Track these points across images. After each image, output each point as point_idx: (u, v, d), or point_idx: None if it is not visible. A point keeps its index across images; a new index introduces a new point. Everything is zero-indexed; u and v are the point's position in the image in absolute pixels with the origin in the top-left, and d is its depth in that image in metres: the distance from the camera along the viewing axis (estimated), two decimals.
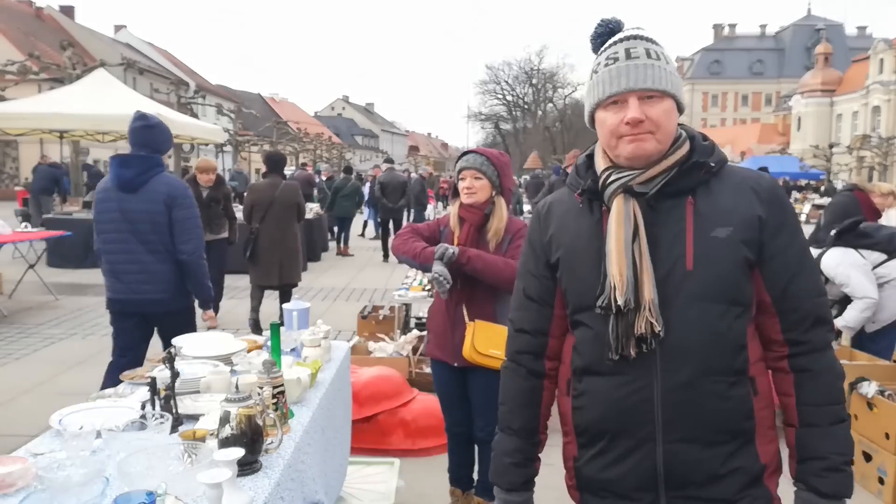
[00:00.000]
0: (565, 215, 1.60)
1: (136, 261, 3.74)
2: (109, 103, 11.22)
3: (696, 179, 1.46)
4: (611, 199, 1.48)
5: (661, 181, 1.45)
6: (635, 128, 1.41)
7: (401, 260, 3.13)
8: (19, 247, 9.88)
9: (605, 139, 1.49)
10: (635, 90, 1.41)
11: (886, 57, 47.71)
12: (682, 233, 1.43)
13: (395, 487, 3.54)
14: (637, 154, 1.43)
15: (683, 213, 1.45)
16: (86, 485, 1.46)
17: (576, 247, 1.54)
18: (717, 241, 1.42)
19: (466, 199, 3.05)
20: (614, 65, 1.44)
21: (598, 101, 1.47)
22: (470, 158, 3.06)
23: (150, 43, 49.60)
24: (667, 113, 1.43)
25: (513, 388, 1.68)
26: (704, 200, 1.45)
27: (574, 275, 1.54)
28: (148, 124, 3.78)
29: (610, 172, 1.49)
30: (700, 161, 1.46)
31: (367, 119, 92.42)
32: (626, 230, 1.44)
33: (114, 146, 14.64)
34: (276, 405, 2.00)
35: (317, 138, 44.28)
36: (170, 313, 3.84)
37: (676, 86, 1.46)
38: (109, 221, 3.76)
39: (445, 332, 3.10)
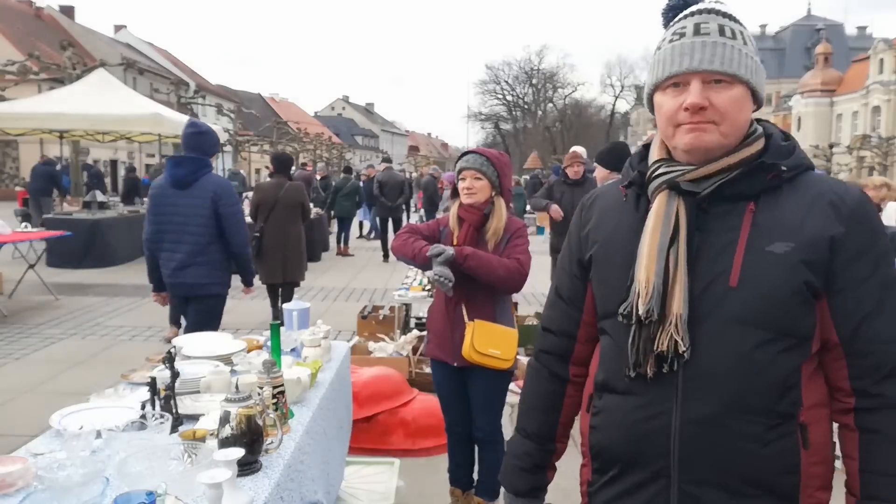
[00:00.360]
0: (608, 209, 1.44)
1: (182, 250, 4.19)
2: (109, 103, 11.24)
3: (761, 183, 1.25)
4: (654, 194, 1.31)
5: (718, 181, 1.25)
6: (695, 115, 1.22)
7: (401, 259, 3.14)
8: (19, 247, 9.88)
9: (662, 127, 1.30)
10: (699, 71, 1.22)
11: (886, 57, 47.70)
12: (732, 243, 1.23)
13: (395, 487, 3.54)
14: (695, 146, 1.24)
15: (739, 222, 1.24)
16: (86, 485, 1.46)
17: (610, 245, 1.38)
18: (772, 257, 1.20)
19: (466, 200, 3.06)
20: (679, 41, 1.26)
21: (657, 81, 1.29)
22: (470, 159, 3.06)
23: (150, 43, 49.60)
24: (736, 102, 1.23)
25: (532, 388, 1.57)
26: (768, 210, 1.24)
27: (603, 276, 1.39)
28: (199, 131, 4.26)
29: (659, 164, 1.32)
30: (769, 163, 1.25)
31: (367, 119, 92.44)
32: (664, 232, 1.26)
33: (114, 146, 14.65)
34: (276, 405, 2.00)
35: (317, 138, 44.28)
36: (203, 298, 4.29)
37: (753, 71, 1.25)
38: (162, 214, 4.22)
39: (445, 332, 3.10)
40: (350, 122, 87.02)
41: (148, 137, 13.12)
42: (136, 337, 6.96)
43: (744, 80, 1.23)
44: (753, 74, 1.24)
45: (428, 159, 63.52)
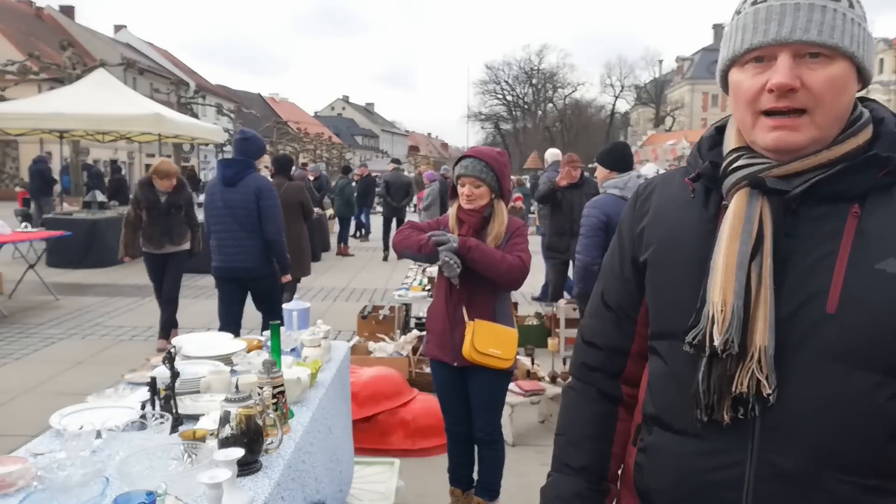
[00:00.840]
0: (669, 203, 1.18)
1: (234, 237, 4.91)
2: (109, 103, 11.23)
3: (869, 181, 1.00)
4: (731, 192, 1.06)
5: (813, 177, 1.01)
6: (782, 99, 0.98)
7: (403, 254, 3.14)
8: (19, 247, 9.88)
9: (739, 113, 1.06)
10: (790, 42, 0.97)
11: (886, 57, 47.70)
12: (830, 256, 0.98)
13: (395, 487, 3.54)
14: (781, 147, 1.01)
15: (840, 228, 0.99)
16: (86, 485, 1.46)
17: (671, 248, 1.13)
18: (884, 276, 0.96)
19: (466, 205, 3.05)
20: (764, 3, 1.01)
21: (734, 55, 1.04)
22: (469, 165, 3.02)
23: (150, 43, 49.61)
24: (836, 82, 0.98)
25: (576, 413, 1.30)
26: (878, 214, 0.99)
27: (660, 287, 1.15)
28: (245, 138, 5.16)
29: (739, 155, 1.07)
30: (880, 155, 0.99)
31: (367, 119, 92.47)
32: (745, 241, 1.02)
33: (114, 146, 14.65)
34: (276, 405, 2.00)
35: (317, 138, 44.29)
36: (256, 278, 4.99)
37: (860, 42, 1.00)
38: (215, 208, 4.98)
39: (445, 333, 3.09)
40: (350, 122, 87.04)
41: (148, 137, 13.11)
42: (136, 337, 6.96)
43: (848, 54, 0.98)
44: (861, 46, 1.00)
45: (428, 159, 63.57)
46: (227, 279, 5.00)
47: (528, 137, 67.24)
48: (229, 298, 5.06)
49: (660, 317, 1.15)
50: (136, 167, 37.65)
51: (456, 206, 3.11)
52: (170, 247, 6.31)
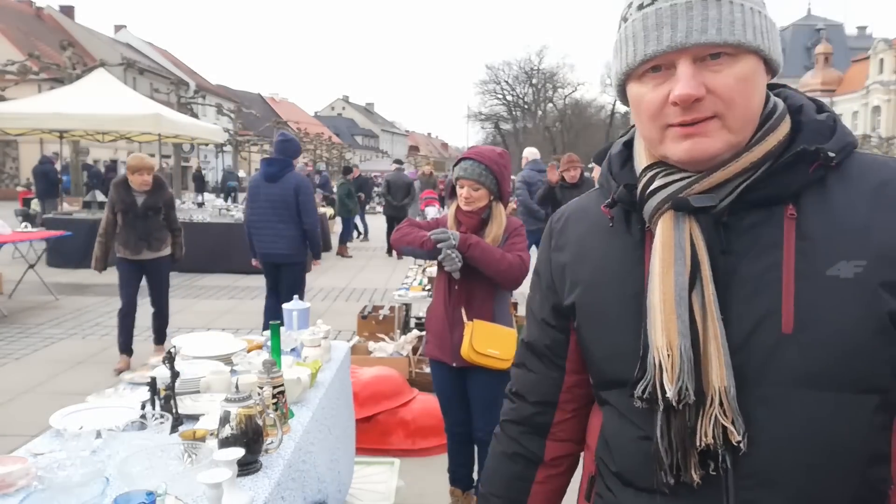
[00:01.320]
0: (588, 234, 1.06)
1: (273, 228, 5.65)
2: (109, 103, 11.23)
3: (800, 178, 0.90)
4: (654, 218, 0.95)
5: (739, 184, 0.91)
6: (689, 112, 0.87)
7: (403, 251, 3.12)
8: (19, 247, 9.89)
9: (644, 129, 0.95)
10: (688, 46, 0.86)
11: (886, 57, 47.70)
12: (774, 268, 0.88)
13: (395, 487, 3.55)
14: (695, 157, 0.90)
15: (778, 235, 0.89)
16: (86, 485, 1.46)
17: (601, 287, 1.01)
18: (839, 284, 0.86)
19: (465, 207, 3.04)
20: (651, 6, 0.90)
21: (629, 68, 0.93)
22: (468, 168, 3.00)
23: (150, 43, 49.62)
24: (745, 81, 0.88)
25: (493, 465, 1.23)
26: (816, 212, 0.89)
27: (596, 333, 1.03)
28: (285, 139, 5.88)
29: (654, 174, 0.96)
30: (808, 149, 0.89)
31: (367, 119, 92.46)
32: (679, 271, 0.90)
33: (114, 146, 14.65)
34: (276, 405, 2.00)
35: (317, 138, 44.27)
36: (290, 264, 5.76)
37: (763, 32, 0.89)
38: (257, 202, 5.74)
39: (444, 333, 3.09)
40: (350, 122, 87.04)
41: (148, 137, 13.11)
42: (136, 337, 6.95)
43: (753, 49, 0.88)
44: (765, 37, 0.89)
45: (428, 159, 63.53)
46: (267, 265, 5.85)
47: (528, 137, 67.18)
48: (272, 282, 5.93)
49: (601, 367, 1.03)
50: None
51: (455, 207, 3.11)
52: (148, 253, 5.71)
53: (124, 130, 12.31)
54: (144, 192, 5.61)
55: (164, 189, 5.83)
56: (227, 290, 9.68)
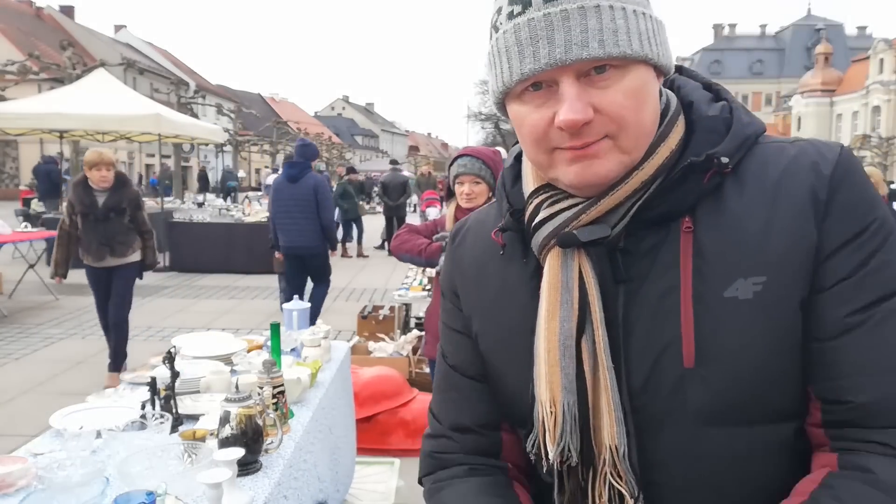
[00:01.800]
0: (484, 256, 0.96)
1: (296, 223, 6.22)
2: (109, 103, 11.23)
3: (694, 190, 0.81)
4: (542, 254, 0.86)
5: (631, 205, 0.82)
6: (577, 137, 0.77)
7: (402, 259, 3.14)
8: (19, 247, 9.89)
9: (529, 152, 0.85)
10: (568, 63, 0.75)
11: (886, 57, 47.70)
12: (672, 292, 0.79)
13: (395, 487, 3.55)
14: (587, 182, 0.80)
15: (674, 254, 0.80)
16: (86, 485, 1.46)
17: (497, 319, 0.92)
18: (737, 306, 0.77)
19: (466, 204, 3.04)
20: (523, 16, 0.77)
21: (506, 87, 0.81)
22: (467, 164, 3.02)
23: (150, 43, 49.65)
24: (635, 95, 0.77)
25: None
26: (711, 225, 0.80)
27: (498, 369, 0.93)
28: (304, 144, 6.54)
29: (540, 201, 0.86)
30: (696, 161, 0.80)
31: (367, 119, 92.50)
32: (565, 316, 0.81)
33: (114, 146, 14.65)
34: (276, 405, 2.00)
35: (317, 138, 44.29)
36: (312, 255, 6.39)
37: (650, 37, 0.79)
38: (281, 200, 6.32)
39: None
40: (350, 122, 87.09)
41: (148, 137, 13.11)
42: (136, 337, 6.95)
43: (641, 58, 0.77)
44: (653, 42, 0.79)
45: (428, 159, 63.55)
46: (290, 256, 6.35)
47: None
48: (292, 271, 6.42)
49: (506, 406, 0.93)
50: (136, 167, 37.67)
51: (454, 207, 3.09)
52: (111, 259, 5.15)
53: (124, 130, 12.31)
54: (105, 190, 5.06)
55: (127, 186, 5.29)
56: (227, 290, 9.69)
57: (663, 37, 0.82)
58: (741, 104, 0.87)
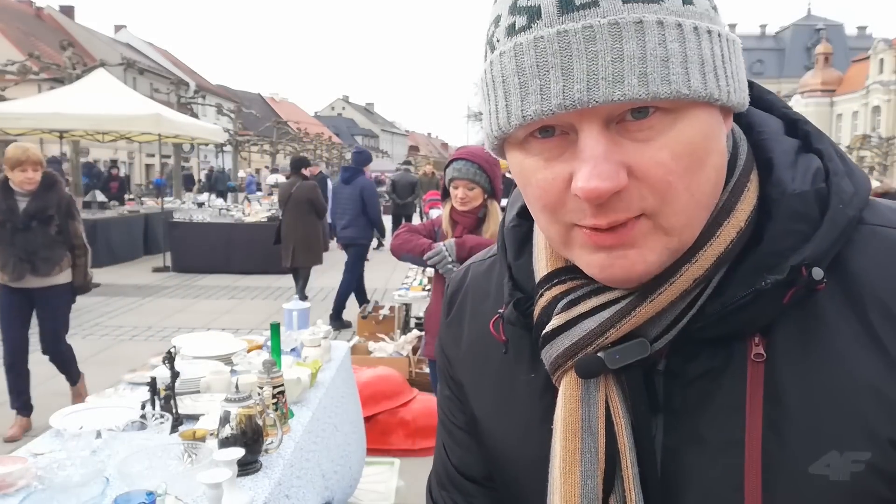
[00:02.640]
0: (483, 344, 0.74)
1: (345, 218, 7.53)
2: (109, 103, 11.23)
3: (769, 311, 0.58)
4: (555, 375, 0.64)
5: (677, 315, 0.60)
6: (602, 212, 0.55)
7: (403, 259, 3.15)
8: None
9: (539, 222, 0.62)
10: (593, 105, 0.52)
11: (886, 57, 47.71)
12: (731, 451, 0.58)
13: (395, 487, 3.55)
14: (615, 280, 0.59)
15: (737, 393, 0.58)
16: (86, 485, 1.46)
17: (502, 434, 0.72)
18: (825, 489, 0.56)
19: (461, 207, 3.05)
20: (528, 32, 0.54)
21: (501, 132, 0.58)
22: (462, 168, 3.02)
23: (150, 43, 49.65)
24: (693, 151, 0.54)
25: None
26: (794, 355, 0.58)
27: (508, 489, 0.74)
28: (357, 151, 8.27)
29: (554, 298, 0.64)
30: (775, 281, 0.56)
31: (367, 119, 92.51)
32: (588, 471, 0.61)
33: (114, 146, 14.65)
34: (276, 405, 2.00)
35: (317, 138, 44.29)
36: (356, 245, 7.66)
37: (720, 65, 0.55)
38: (337, 199, 7.77)
39: None
40: (350, 122, 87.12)
41: (148, 137, 13.12)
42: (136, 337, 6.96)
43: (703, 99, 0.54)
44: (721, 73, 0.55)
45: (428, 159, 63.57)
46: (345, 246, 7.72)
47: None
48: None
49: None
50: (136, 167, 37.69)
51: (449, 208, 3.12)
52: (33, 279, 4.16)
53: (124, 130, 12.31)
54: (29, 193, 4.15)
55: (55, 189, 4.30)
56: (227, 290, 9.69)
57: (736, 64, 0.57)
58: (841, 154, 0.62)
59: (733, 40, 0.58)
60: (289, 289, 9.35)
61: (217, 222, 11.54)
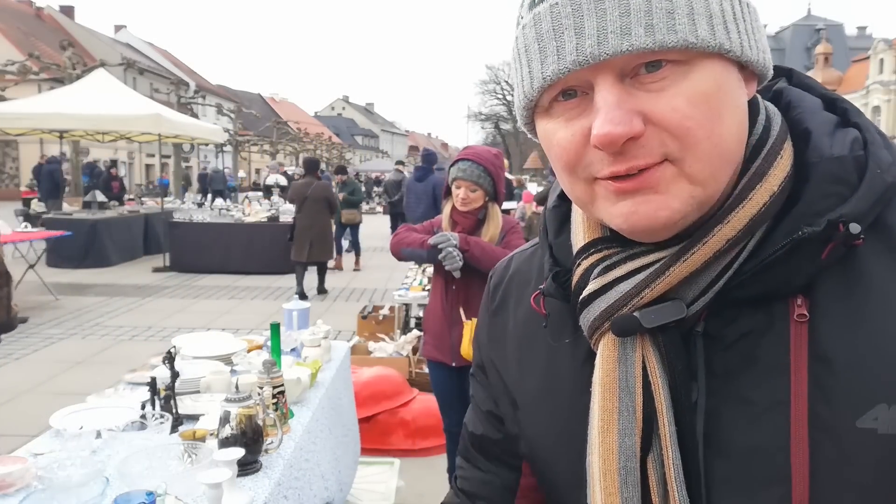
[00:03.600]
0: (531, 323, 0.76)
1: (418, 211, 8.30)
2: (109, 103, 11.24)
3: (807, 268, 0.58)
4: (593, 338, 0.66)
5: (713, 276, 0.60)
6: (622, 159, 0.57)
7: (403, 254, 3.11)
8: (19, 247, 9.88)
9: (564, 185, 0.65)
10: (603, 58, 0.55)
11: (886, 57, 47.71)
12: (776, 411, 0.58)
13: (395, 487, 3.55)
14: (640, 228, 0.60)
15: (781, 354, 0.58)
16: (86, 485, 1.46)
17: (545, 419, 0.74)
18: (875, 442, 0.55)
19: (462, 208, 3.03)
20: (545, 2, 0.59)
21: (528, 100, 0.62)
22: (466, 169, 2.98)
23: (150, 43, 49.67)
24: (708, 99, 0.56)
25: None
26: (840, 312, 0.58)
27: (546, 465, 0.75)
28: (428, 154, 9.31)
29: (590, 265, 0.66)
30: (810, 234, 0.57)
31: (367, 119, 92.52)
32: (625, 429, 0.62)
33: (114, 146, 14.66)
34: (276, 405, 2.00)
35: (317, 138, 44.31)
36: None
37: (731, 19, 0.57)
38: (410, 195, 8.85)
39: (443, 333, 3.10)
40: (350, 122, 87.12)
41: (148, 137, 13.12)
42: (136, 337, 6.96)
43: (713, 50, 0.56)
44: (732, 25, 0.57)
45: None
46: None
47: (527, 137, 67.09)
48: None
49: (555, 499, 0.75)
50: (136, 167, 37.69)
51: (450, 207, 3.10)
52: None
53: (124, 130, 12.32)
54: None
55: None
56: (227, 290, 9.69)
57: (753, 22, 0.60)
58: (877, 130, 0.63)
59: (748, 3, 0.60)
60: (288, 289, 9.36)
61: (217, 222, 11.53)
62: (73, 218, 11.38)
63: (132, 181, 35.57)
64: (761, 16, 0.63)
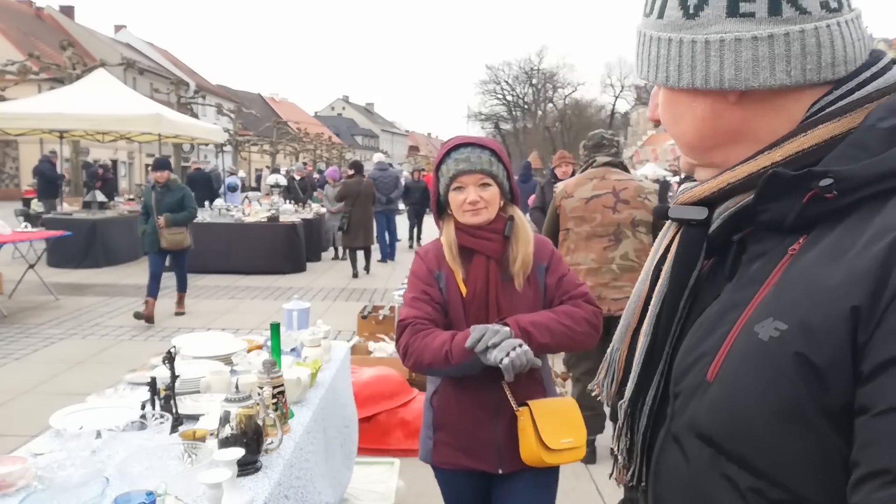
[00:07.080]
0: None
1: None
2: (109, 103, 11.24)
3: (792, 207, 0.71)
4: None
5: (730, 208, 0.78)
6: None
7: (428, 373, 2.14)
8: (19, 247, 9.89)
9: None
10: None
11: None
12: (739, 307, 0.74)
13: (395, 487, 3.55)
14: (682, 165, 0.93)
15: (767, 272, 0.73)
16: (86, 485, 1.46)
17: None
18: (755, 344, 0.69)
19: (473, 219, 1.98)
20: None
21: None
22: (471, 156, 1.96)
23: (150, 43, 49.65)
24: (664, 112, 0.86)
25: None
26: (807, 256, 0.70)
27: None
28: None
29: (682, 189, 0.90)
30: (786, 173, 0.71)
31: (367, 119, 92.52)
32: (643, 279, 0.91)
33: (114, 146, 14.66)
34: (276, 405, 2.00)
35: (317, 138, 44.29)
36: None
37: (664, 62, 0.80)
38: None
39: (477, 428, 2.03)
40: (350, 122, 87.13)
41: (148, 137, 13.13)
42: (136, 337, 6.96)
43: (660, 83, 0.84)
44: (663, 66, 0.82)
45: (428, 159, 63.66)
46: None
47: (528, 137, 67.34)
48: None
49: None
50: (136, 167, 37.69)
51: (451, 227, 2.03)
52: None
53: (124, 130, 12.33)
54: None
55: None
56: (227, 290, 9.69)
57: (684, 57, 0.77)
58: None
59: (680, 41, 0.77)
60: (288, 289, 9.36)
61: (217, 222, 11.53)
62: (73, 218, 11.39)
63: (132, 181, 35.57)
64: None
